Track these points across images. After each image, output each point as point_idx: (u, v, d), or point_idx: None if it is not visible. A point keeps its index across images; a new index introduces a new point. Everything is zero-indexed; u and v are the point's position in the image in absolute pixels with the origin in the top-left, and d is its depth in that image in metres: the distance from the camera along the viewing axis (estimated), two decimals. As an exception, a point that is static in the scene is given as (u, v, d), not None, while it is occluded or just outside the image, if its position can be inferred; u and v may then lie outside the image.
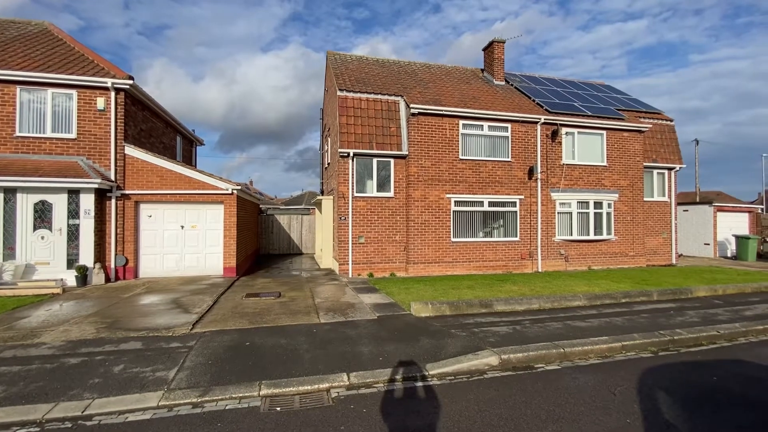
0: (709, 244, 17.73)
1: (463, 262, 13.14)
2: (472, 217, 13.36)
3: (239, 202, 12.27)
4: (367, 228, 12.66)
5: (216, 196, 11.54)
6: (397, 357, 5.03)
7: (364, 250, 12.62)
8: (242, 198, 13.05)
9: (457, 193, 13.07)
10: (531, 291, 9.43)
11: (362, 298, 8.69)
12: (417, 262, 12.68)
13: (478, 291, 9.42)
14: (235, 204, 11.66)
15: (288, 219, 19.47)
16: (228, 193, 11.56)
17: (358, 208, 12.58)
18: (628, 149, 15.27)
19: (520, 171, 13.75)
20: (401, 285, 10.36)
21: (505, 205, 13.62)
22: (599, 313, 7.50)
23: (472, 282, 10.87)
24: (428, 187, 12.80)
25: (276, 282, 11.04)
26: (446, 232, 12.98)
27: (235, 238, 11.66)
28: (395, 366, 4.73)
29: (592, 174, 14.66)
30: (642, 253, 15.54)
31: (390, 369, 4.64)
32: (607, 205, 14.75)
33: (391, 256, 12.85)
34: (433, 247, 12.85)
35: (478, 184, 13.28)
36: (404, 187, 12.95)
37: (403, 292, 9.25)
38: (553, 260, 14.11)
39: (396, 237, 12.90)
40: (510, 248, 13.66)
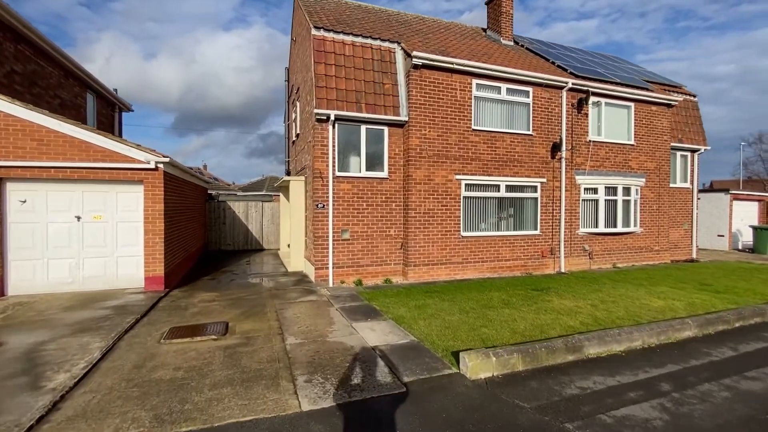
0: (724, 236, 16.14)
1: (475, 262, 10.28)
2: (486, 205, 10.48)
3: (169, 182, 8.56)
4: (354, 219, 9.42)
5: (132, 173, 7.77)
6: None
7: (350, 249, 9.39)
8: (175, 177, 9.29)
9: (469, 174, 10.10)
10: (593, 308, 6.70)
11: (362, 332, 5.50)
12: (418, 263, 9.64)
13: (525, 312, 6.54)
14: (161, 184, 7.96)
15: (245, 207, 15.72)
16: (150, 168, 7.83)
17: (342, 193, 9.29)
18: (656, 126, 13.00)
19: (542, 148, 11.00)
20: (409, 301, 7.27)
21: (524, 190, 10.85)
22: (739, 353, 4.83)
23: (500, 293, 7.99)
24: (433, 165, 9.71)
25: (224, 299, 7.56)
26: (455, 225, 10.01)
27: (163, 233, 7.99)
28: None
29: (619, 154, 12.24)
30: (667, 247, 13.49)
31: None
32: (635, 192, 12.44)
33: (384, 256, 9.71)
34: (439, 244, 9.85)
35: (494, 164, 10.38)
36: (402, 164, 9.78)
37: (420, 317, 6.17)
38: (576, 257, 11.62)
39: (391, 231, 9.76)
40: (529, 244, 10.96)
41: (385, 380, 3.96)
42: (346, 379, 3.98)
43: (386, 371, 4.17)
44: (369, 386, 3.83)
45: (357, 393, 3.70)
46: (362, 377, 4.02)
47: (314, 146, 9.09)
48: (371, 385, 3.84)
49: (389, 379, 3.99)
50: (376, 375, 4.08)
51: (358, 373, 4.12)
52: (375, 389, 3.77)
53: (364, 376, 4.04)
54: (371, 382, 3.92)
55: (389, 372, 4.15)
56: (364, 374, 4.09)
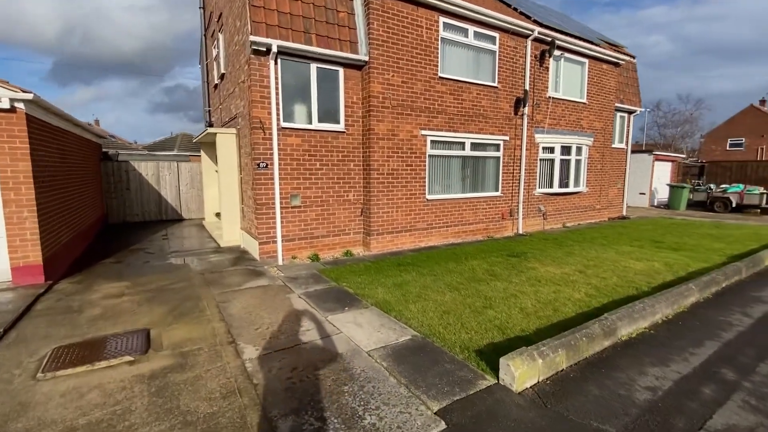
0: (645, 194, 17.53)
1: (440, 227, 9.39)
2: (450, 165, 9.49)
3: (40, 132, 6.00)
4: (305, 182, 7.77)
5: (-31, 115, 5.15)
6: None
7: (302, 218, 7.80)
8: (47, 126, 6.63)
9: (435, 130, 8.92)
10: (583, 276, 6.19)
11: (345, 328, 4.20)
12: (382, 232, 8.43)
13: (518, 284, 5.77)
14: (24, 134, 5.45)
15: (155, 168, 12.81)
16: (3, 108, 5.26)
17: (289, 149, 7.51)
18: (605, 85, 12.99)
19: (506, 102, 10.18)
20: (383, 278, 6.09)
21: (487, 148, 10.05)
22: (754, 318, 4.55)
23: (479, 262, 7.21)
24: (398, 118, 8.32)
25: (139, 291, 5.63)
26: (420, 187, 8.90)
27: (35, 204, 5.60)
28: None
29: (573, 112, 12.00)
30: (606, 206, 14.06)
31: None
32: (585, 151, 12.46)
33: (342, 225, 8.31)
34: (404, 209, 8.71)
35: (460, 118, 9.31)
36: (361, 116, 8.22)
37: (407, 300, 5.04)
38: (531, 218, 11.40)
39: (350, 195, 8.32)
40: (491, 206, 10.37)
41: (410, 411, 2.77)
42: (354, 417, 2.71)
43: (404, 393, 2.98)
44: (392, 426, 2.61)
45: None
46: (376, 411, 2.78)
47: (250, 88, 7.07)
48: (394, 425, 2.63)
49: (414, 409, 2.80)
50: (393, 403, 2.87)
51: (366, 403, 2.87)
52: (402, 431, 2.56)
53: (377, 409, 2.80)
54: (391, 418, 2.70)
55: (409, 394, 2.97)
56: (377, 404, 2.85)
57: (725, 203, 15.65)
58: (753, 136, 40.18)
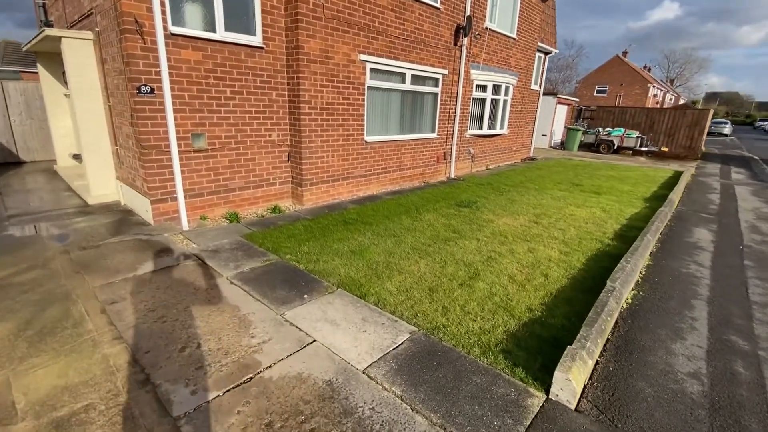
0: (546, 135, 18.72)
1: (379, 173, 8.31)
2: (389, 101, 8.20)
3: None
4: (212, 115, 5.74)
5: None
6: None
7: (210, 165, 5.89)
8: None
9: (376, 55, 7.39)
10: (541, 227, 5.94)
11: (316, 332, 3.05)
12: (316, 181, 7.01)
13: (487, 242, 5.20)
14: None
15: (-44, 85, 8.61)
16: None
17: (185, 67, 5.32)
18: (533, 21, 12.60)
19: (447, 29, 8.99)
20: (333, 243, 4.91)
21: (426, 82, 8.94)
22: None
23: (432, 215, 6.48)
24: (333, 34, 6.54)
25: (-49, 291, 3.49)
26: (359, 126, 7.52)
27: None
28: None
29: (504, 48, 11.43)
30: (520, 147, 14.53)
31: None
32: (511, 91, 12.24)
33: (265, 173, 6.61)
34: (341, 153, 7.32)
35: (402, 43, 7.88)
36: (286, 27, 6.22)
37: (378, 275, 4.03)
38: (462, 162, 11.05)
39: (273, 135, 6.56)
40: (428, 148, 9.57)
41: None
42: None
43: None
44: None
45: None
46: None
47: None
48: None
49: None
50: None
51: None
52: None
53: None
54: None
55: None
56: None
57: (609, 145, 17.62)
58: (615, 84, 46.47)
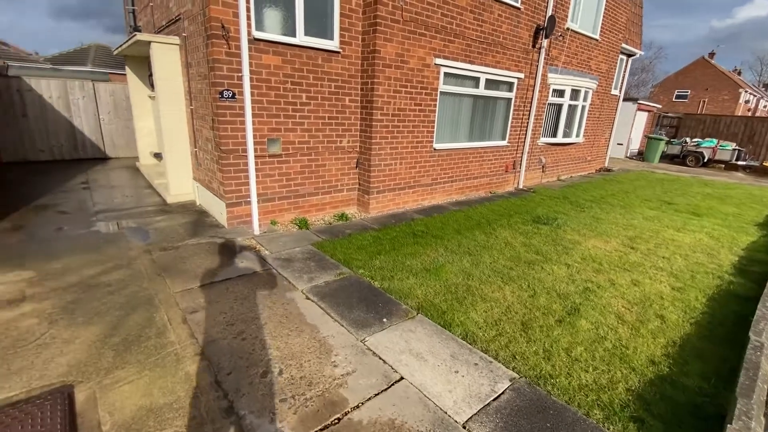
0: (622, 144, 17.17)
1: (445, 182, 7.91)
2: (461, 106, 7.77)
3: None
4: (288, 120, 5.70)
5: None
6: None
7: (283, 170, 5.85)
8: None
9: (451, 59, 7.01)
10: (638, 253, 5.19)
11: (401, 366, 2.74)
12: (383, 189, 6.77)
13: (575, 267, 4.61)
14: None
15: (62, 89, 9.50)
16: None
17: (265, 72, 5.30)
18: (618, 20, 11.51)
19: (526, 30, 8.37)
20: (405, 258, 4.60)
21: (500, 87, 8.39)
22: None
23: (508, 232, 5.95)
24: (409, 38, 6.26)
25: (49, 293, 3.64)
26: (428, 133, 7.18)
27: None
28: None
29: (584, 50, 10.51)
30: (595, 157, 13.38)
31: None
32: (590, 96, 11.26)
33: (333, 179, 6.49)
34: (408, 161, 7.03)
35: (479, 45, 7.43)
36: (362, 31, 6.05)
37: (457, 299, 3.65)
38: (531, 171, 10.30)
39: (344, 141, 6.41)
40: (497, 157, 9.00)
41: None
42: None
43: None
44: None
45: None
46: None
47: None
48: None
49: None
50: None
51: None
52: None
53: None
54: None
55: None
56: None
57: (698, 157, 15.75)
58: (698, 88, 41.95)
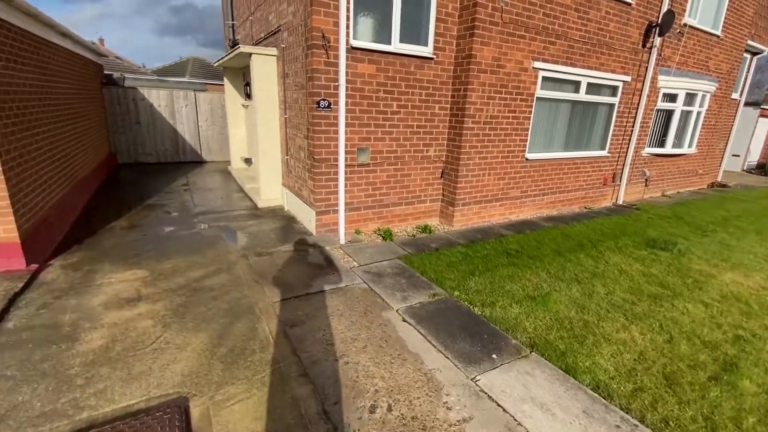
0: (739, 156, 14.81)
1: (535, 195, 7.30)
2: (557, 113, 7.12)
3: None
4: (378, 129, 5.60)
5: None
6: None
7: (370, 180, 5.76)
8: (10, 27, 4.40)
9: (550, 62, 6.44)
10: (797, 294, 4.22)
11: (521, 414, 2.41)
12: (469, 201, 6.39)
13: (715, 306, 3.85)
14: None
15: (168, 98, 10.56)
16: None
17: (360, 81, 5.25)
18: (744, 13, 9.89)
19: (635, 28, 7.46)
20: (505, 282, 4.19)
21: (602, 91, 7.56)
22: None
23: (618, 256, 5.23)
24: (507, 40, 5.85)
25: (161, 294, 3.86)
26: (521, 142, 6.67)
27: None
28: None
29: (703, 49, 9.15)
30: (708, 170, 11.64)
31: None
32: (707, 101, 9.78)
33: (417, 189, 6.26)
34: (497, 172, 6.57)
35: (581, 47, 6.75)
36: (457, 35, 5.76)
37: (570, 333, 3.18)
38: (633, 185, 9.17)
39: (429, 150, 6.17)
40: (594, 168, 8.13)
41: None
42: None
43: None
44: None
45: None
46: None
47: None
48: None
49: None
50: None
51: None
52: None
53: None
54: None
55: None
56: None
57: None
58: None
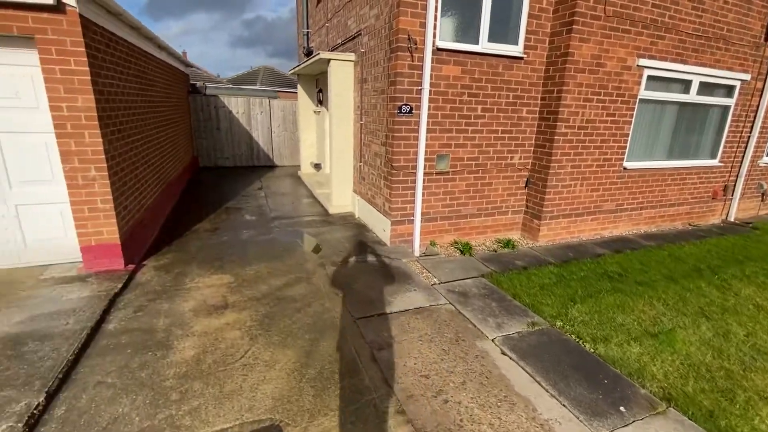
0: None
1: (632, 209, 6.47)
2: (662, 116, 6.27)
3: (104, 47, 4.07)
4: (459, 135, 5.24)
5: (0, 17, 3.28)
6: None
7: (448, 189, 5.41)
8: (114, 37, 4.69)
9: (658, 58, 5.67)
10: None
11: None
12: (557, 214, 5.79)
13: None
14: (79, 45, 3.51)
15: (245, 105, 11.06)
16: (46, 3, 3.31)
17: (443, 84, 4.94)
18: None
19: (758, 19, 6.36)
20: (613, 311, 3.62)
21: (715, 92, 6.54)
22: None
23: (756, 289, 4.38)
24: (610, 36, 5.21)
25: (246, 302, 3.83)
26: (619, 149, 5.93)
27: (104, 155, 3.83)
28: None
29: None
30: (843, 184, 9.73)
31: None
32: None
33: (498, 199, 5.79)
34: (591, 182, 5.90)
35: (694, 41, 5.86)
36: (551, 32, 5.25)
37: (713, 386, 2.58)
38: (746, 200, 7.88)
39: (514, 157, 5.68)
40: (702, 179, 7.07)
41: None
42: None
43: None
44: None
45: None
46: None
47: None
48: None
49: None
50: None
51: None
52: None
53: None
54: None
55: None
56: None
57: None
58: None
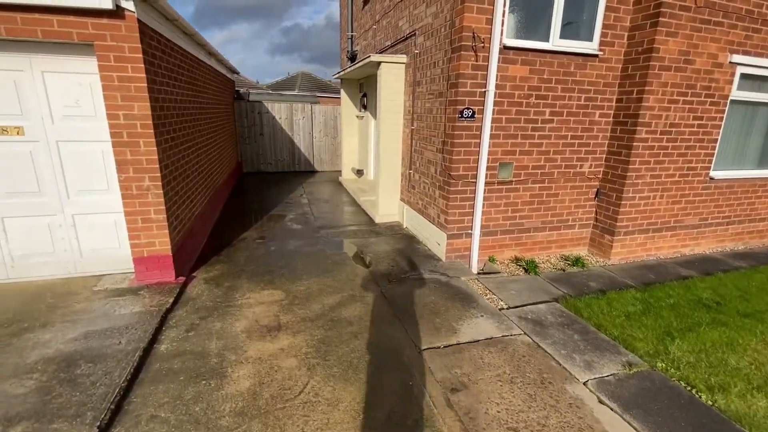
0: None
1: (717, 224, 5.72)
2: (752, 119, 5.50)
3: (159, 52, 3.98)
4: (525, 141, 4.78)
5: (62, 23, 3.21)
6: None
7: (510, 200, 4.96)
8: (169, 43, 4.62)
9: (754, 54, 4.96)
10: None
11: None
12: (632, 229, 5.18)
13: None
14: (137, 52, 3.40)
15: (288, 111, 11.02)
16: (104, 7, 3.21)
17: (509, 85, 4.51)
18: None
19: None
20: (724, 353, 3.06)
21: (821, 89, 5.67)
22: None
23: None
24: (700, 30, 4.59)
25: (299, 324, 3.58)
26: (705, 156, 5.24)
27: (158, 164, 3.71)
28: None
29: None
30: None
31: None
32: None
33: (564, 212, 5.26)
34: (672, 193, 5.24)
35: (800, 31, 5.09)
36: (631, 26, 4.70)
37: None
38: None
39: (584, 165, 5.14)
40: (799, 191, 6.17)
41: None
42: None
43: None
44: None
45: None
46: None
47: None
48: None
49: None
50: None
51: None
52: None
53: None
54: None
55: None
56: None
57: None
58: None
